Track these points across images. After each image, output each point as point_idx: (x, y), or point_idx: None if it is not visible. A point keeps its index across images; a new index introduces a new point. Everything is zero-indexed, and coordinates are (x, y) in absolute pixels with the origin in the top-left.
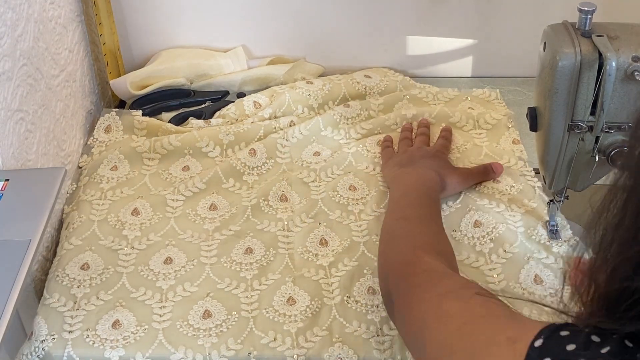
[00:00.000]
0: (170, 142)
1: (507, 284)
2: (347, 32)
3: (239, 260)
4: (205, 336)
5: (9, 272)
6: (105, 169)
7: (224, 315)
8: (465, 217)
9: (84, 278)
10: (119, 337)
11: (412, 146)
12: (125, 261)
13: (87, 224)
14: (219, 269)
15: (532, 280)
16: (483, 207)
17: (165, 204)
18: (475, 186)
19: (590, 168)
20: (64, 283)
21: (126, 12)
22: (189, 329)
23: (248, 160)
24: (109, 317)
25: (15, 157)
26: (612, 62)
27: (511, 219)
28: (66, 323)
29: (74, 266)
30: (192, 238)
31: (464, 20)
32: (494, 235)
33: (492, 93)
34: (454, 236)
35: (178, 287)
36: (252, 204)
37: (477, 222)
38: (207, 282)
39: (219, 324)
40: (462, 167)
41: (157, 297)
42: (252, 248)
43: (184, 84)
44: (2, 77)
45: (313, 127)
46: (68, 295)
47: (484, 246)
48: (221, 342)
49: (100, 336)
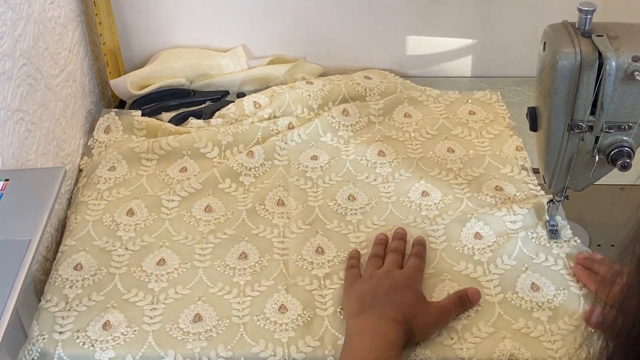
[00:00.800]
0: (169, 142)
1: (504, 296)
2: (347, 32)
3: (233, 265)
4: (195, 340)
5: (9, 272)
6: (104, 169)
7: (215, 320)
8: (465, 227)
9: (77, 279)
10: (109, 337)
11: (381, 268)
12: (119, 262)
13: (82, 224)
14: (212, 272)
15: (529, 288)
16: (484, 216)
17: (160, 205)
18: (477, 194)
19: (590, 168)
20: (56, 283)
21: (126, 12)
22: (178, 332)
23: (245, 161)
24: (100, 318)
25: (15, 157)
26: (612, 62)
27: (511, 226)
28: (57, 324)
29: (67, 267)
30: (186, 240)
31: (464, 20)
32: (494, 246)
33: (493, 95)
34: (454, 247)
35: (170, 290)
36: (248, 207)
37: (477, 234)
38: (199, 285)
39: (209, 329)
40: (435, 303)
41: (149, 299)
42: (247, 253)
43: (184, 84)
44: (2, 77)
45: (312, 132)
46: (60, 296)
47: (482, 256)
48: (211, 347)
49: (91, 337)
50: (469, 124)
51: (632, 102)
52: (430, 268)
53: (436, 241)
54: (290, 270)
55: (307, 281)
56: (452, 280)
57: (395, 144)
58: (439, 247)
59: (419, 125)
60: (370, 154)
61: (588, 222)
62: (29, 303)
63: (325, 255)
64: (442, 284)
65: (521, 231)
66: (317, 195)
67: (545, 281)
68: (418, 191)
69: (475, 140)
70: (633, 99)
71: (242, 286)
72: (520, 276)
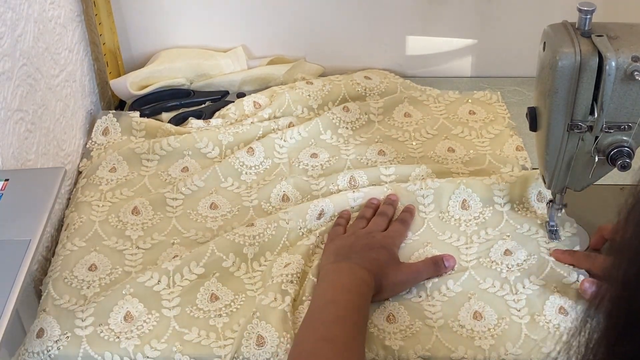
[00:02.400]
0: (169, 143)
1: (478, 261)
2: (347, 32)
3: (243, 234)
4: (216, 317)
5: (9, 272)
6: (104, 170)
7: (231, 296)
8: (454, 194)
9: (93, 279)
10: (133, 327)
11: (364, 228)
12: (133, 261)
13: (89, 224)
14: (226, 248)
15: (502, 253)
16: (473, 182)
17: (165, 204)
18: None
19: (590, 168)
20: (73, 285)
21: (126, 12)
22: (199, 312)
23: (246, 159)
24: (120, 309)
25: (15, 157)
26: (612, 62)
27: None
28: (77, 318)
29: (81, 267)
30: (196, 236)
31: (464, 20)
32: (480, 219)
33: (493, 95)
34: (442, 217)
35: (184, 269)
36: (254, 204)
37: (464, 203)
38: (214, 263)
39: (228, 304)
40: (408, 264)
41: (165, 282)
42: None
43: (183, 84)
44: (2, 77)
45: (312, 129)
46: (79, 296)
47: (468, 228)
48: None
49: (114, 330)
50: (469, 124)
51: (632, 102)
52: (415, 235)
53: (425, 210)
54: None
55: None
56: (433, 247)
57: (395, 144)
58: (427, 216)
59: (419, 125)
60: (370, 154)
61: (588, 222)
62: (29, 303)
63: None
64: (423, 249)
65: (507, 204)
66: (320, 187)
67: (519, 247)
68: (419, 177)
69: (476, 140)
70: (633, 99)
71: (250, 261)
72: (498, 242)
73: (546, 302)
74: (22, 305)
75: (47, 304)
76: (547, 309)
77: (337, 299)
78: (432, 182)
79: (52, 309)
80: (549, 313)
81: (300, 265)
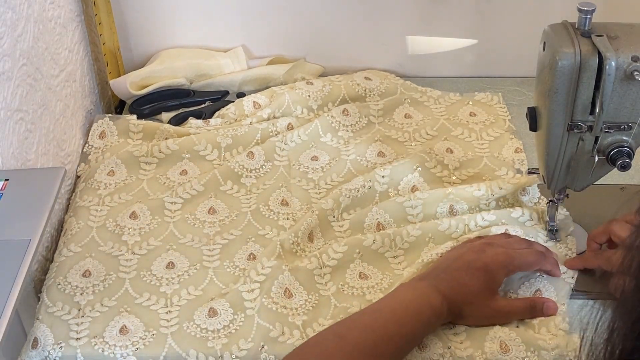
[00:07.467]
0: (168, 145)
1: None
2: (347, 32)
3: (242, 266)
4: (215, 338)
5: (9, 272)
6: (102, 174)
7: (230, 315)
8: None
9: (87, 285)
10: (128, 342)
11: (485, 238)
12: (127, 267)
13: (86, 230)
14: (222, 273)
15: None
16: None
17: (163, 208)
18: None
19: (590, 168)
20: (66, 291)
21: (126, 12)
22: (197, 329)
23: (246, 162)
24: (115, 324)
25: (15, 157)
26: (612, 62)
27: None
28: (72, 330)
29: (75, 274)
30: (192, 242)
31: (464, 20)
32: None
33: (493, 97)
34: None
35: (182, 291)
36: (252, 209)
37: (451, 208)
38: (210, 287)
39: (227, 325)
40: (501, 300)
41: (162, 302)
42: (255, 254)
43: (183, 84)
44: (2, 77)
45: (312, 132)
46: (72, 303)
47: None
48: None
49: (109, 343)
50: (469, 125)
51: (632, 102)
52: (416, 228)
53: (414, 220)
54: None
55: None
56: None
57: (395, 144)
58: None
59: (419, 126)
60: (370, 155)
61: (588, 222)
62: (29, 303)
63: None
64: (426, 246)
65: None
66: (320, 195)
67: (517, 230)
68: (410, 184)
69: (475, 142)
70: (633, 99)
71: (247, 271)
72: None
73: None
74: (22, 305)
75: (41, 311)
76: None
77: (383, 310)
78: (421, 194)
79: (45, 316)
80: None
81: (304, 295)
